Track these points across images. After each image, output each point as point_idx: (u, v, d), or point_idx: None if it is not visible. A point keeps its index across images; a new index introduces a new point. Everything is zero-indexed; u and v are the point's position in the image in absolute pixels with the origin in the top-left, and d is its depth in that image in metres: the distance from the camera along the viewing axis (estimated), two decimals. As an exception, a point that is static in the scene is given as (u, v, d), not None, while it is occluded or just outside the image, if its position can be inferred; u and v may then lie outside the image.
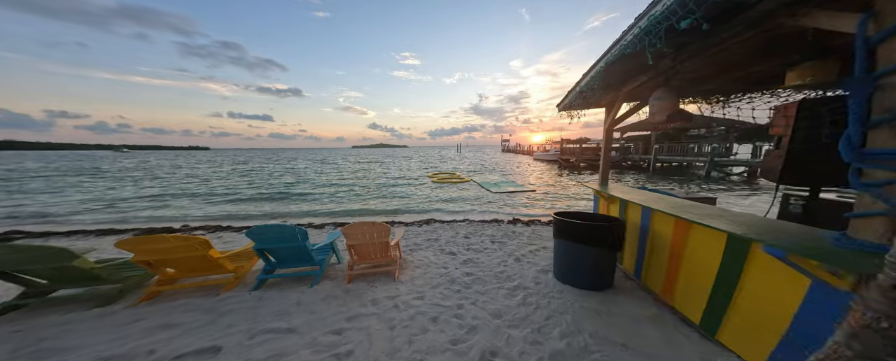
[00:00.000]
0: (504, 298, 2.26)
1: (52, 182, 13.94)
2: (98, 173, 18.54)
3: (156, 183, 13.31)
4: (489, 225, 5.38)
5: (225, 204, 8.88)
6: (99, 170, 20.52)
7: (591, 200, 8.47)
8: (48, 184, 12.89)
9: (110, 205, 8.64)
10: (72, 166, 25.57)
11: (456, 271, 2.77)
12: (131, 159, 43.33)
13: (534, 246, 3.61)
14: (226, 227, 5.45)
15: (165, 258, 2.37)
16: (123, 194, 10.61)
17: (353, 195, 10.38)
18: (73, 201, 9.23)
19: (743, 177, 12.31)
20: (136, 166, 26.03)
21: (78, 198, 9.73)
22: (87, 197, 9.90)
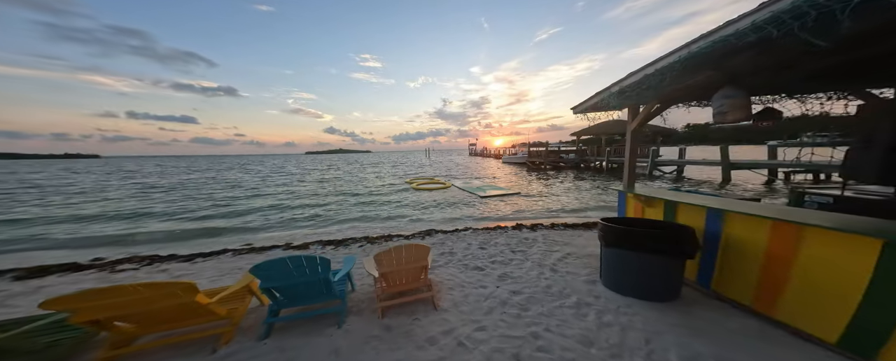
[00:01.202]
0: (575, 318, 2.10)
1: None
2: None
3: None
4: (495, 232, 5.33)
5: (156, 224, 7.08)
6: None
7: (578, 202, 9.09)
8: None
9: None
10: None
11: (499, 290, 2.58)
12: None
13: (556, 252, 3.65)
14: (168, 256, 4.28)
15: (125, 313, 1.72)
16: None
17: (333, 207, 9.33)
18: None
19: (672, 175, 14.92)
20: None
21: None
22: None
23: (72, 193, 13.03)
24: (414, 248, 2.28)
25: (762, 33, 1.45)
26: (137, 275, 3.39)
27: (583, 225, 5.35)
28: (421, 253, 2.32)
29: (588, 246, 3.80)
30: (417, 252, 2.30)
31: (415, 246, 2.27)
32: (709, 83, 2.30)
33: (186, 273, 3.48)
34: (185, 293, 1.76)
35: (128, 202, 10.57)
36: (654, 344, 1.81)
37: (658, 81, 2.23)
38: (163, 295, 1.73)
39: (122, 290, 1.65)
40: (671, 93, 2.62)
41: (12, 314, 2.46)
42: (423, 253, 2.32)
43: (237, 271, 3.65)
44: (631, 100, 2.78)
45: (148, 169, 34.47)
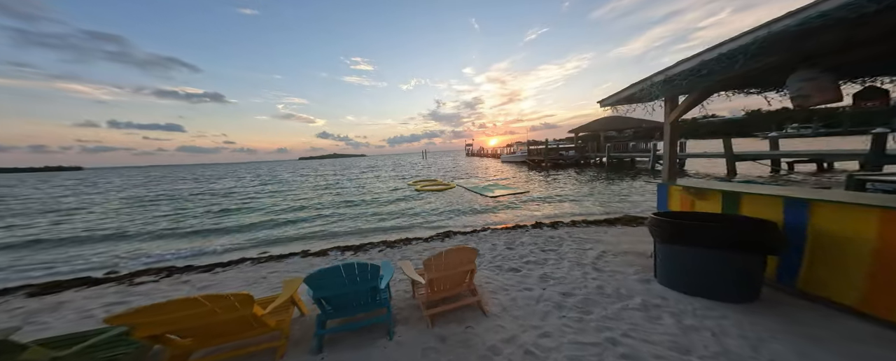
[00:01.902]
0: (648, 322, 1.96)
1: None
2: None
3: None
4: (516, 231, 5.28)
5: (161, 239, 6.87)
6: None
7: (591, 198, 9.07)
8: None
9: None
10: None
11: (548, 292, 2.50)
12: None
13: (590, 249, 3.59)
14: (184, 268, 4.14)
15: (185, 327, 1.65)
16: None
17: (342, 212, 9.19)
18: None
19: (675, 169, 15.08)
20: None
21: None
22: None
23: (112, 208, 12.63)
24: (463, 251, 2.19)
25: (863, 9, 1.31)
26: (160, 287, 3.26)
27: (605, 222, 5.32)
28: (468, 256, 2.24)
29: (621, 243, 3.76)
30: (465, 255, 2.22)
31: (463, 249, 2.19)
32: (780, 65, 2.08)
33: (210, 283, 3.36)
34: (242, 305, 1.68)
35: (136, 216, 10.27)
36: (766, 354, 1.62)
37: (722, 66, 2.02)
38: (224, 307, 1.66)
39: (185, 303, 1.58)
40: (728, 79, 2.42)
41: (43, 331, 2.36)
42: (470, 256, 2.25)
43: (262, 281, 3.54)
44: (679, 88, 2.61)
45: (136, 180, 33.63)
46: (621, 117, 26.31)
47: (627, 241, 3.83)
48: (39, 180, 41.78)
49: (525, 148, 32.93)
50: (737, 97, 2.95)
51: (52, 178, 48.94)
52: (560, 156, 24.89)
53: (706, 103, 2.87)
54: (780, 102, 2.87)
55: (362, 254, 4.73)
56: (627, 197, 8.60)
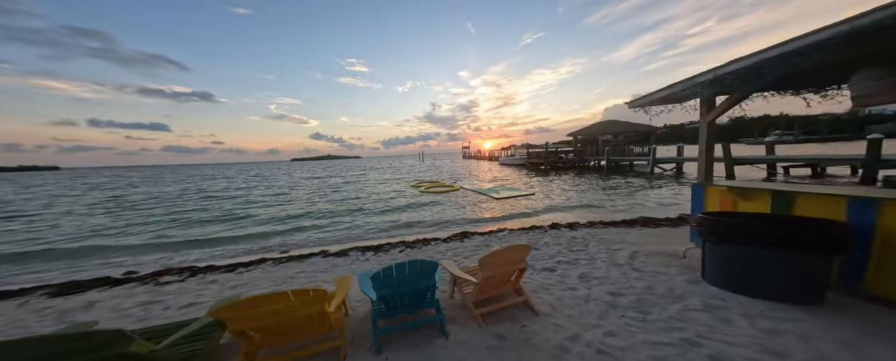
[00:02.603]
0: (720, 323, 1.91)
1: None
2: None
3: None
4: (535, 232, 5.32)
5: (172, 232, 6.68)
6: None
7: (600, 200, 9.16)
8: None
9: None
10: None
11: (595, 291, 2.52)
12: None
13: (619, 250, 3.63)
14: (206, 267, 4.04)
15: (268, 323, 1.65)
16: None
17: (353, 213, 9.10)
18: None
19: (672, 172, 15.42)
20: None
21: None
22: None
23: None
24: (518, 249, 2.20)
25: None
26: (189, 287, 3.17)
27: (623, 223, 5.41)
28: (522, 254, 2.25)
29: (647, 244, 3.82)
30: (520, 252, 2.23)
31: (519, 247, 2.20)
32: (845, 62, 2.00)
33: (239, 283, 3.28)
34: (318, 302, 1.67)
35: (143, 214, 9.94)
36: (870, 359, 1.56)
37: (788, 63, 1.92)
38: (304, 302, 1.65)
39: (277, 297, 1.57)
40: (784, 79, 2.36)
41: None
42: (524, 254, 2.26)
43: (290, 281, 3.48)
44: (728, 87, 2.60)
45: (130, 180, 32.59)
46: (618, 121, 26.83)
47: (653, 242, 3.90)
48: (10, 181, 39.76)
49: (524, 151, 33.17)
50: (773, 98, 3.03)
51: (20, 179, 45.28)
52: (559, 159, 25.20)
53: (745, 103, 2.93)
54: (818, 104, 2.92)
55: (383, 255, 4.70)
56: (637, 200, 8.75)
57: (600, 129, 25.24)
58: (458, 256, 4.19)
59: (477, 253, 4.31)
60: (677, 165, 15.54)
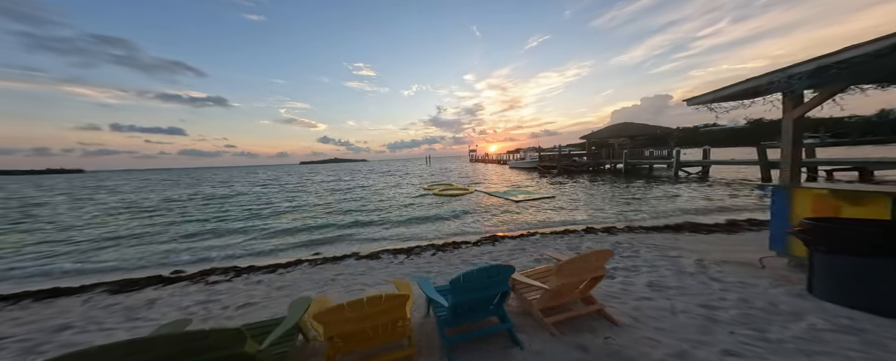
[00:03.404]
0: (870, 347, 1.64)
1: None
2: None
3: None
4: (569, 236, 5.11)
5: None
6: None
7: (628, 205, 8.81)
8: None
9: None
10: None
11: (679, 302, 2.29)
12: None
13: (679, 257, 3.40)
14: (247, 268, 4.03)
15: (358, 328, 1.60)
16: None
17: (374, 216, 9.09)
18: None
19: (698, 176, 14.71)
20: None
21: None
22: None
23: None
24: (599, 255, 2.03)
25: None
26: (237, 286, 3.16)
27: (666, 228, 5.13)
28: (601, 261, 2.08)
29: (710, 251, 3.56)
30: (601, 259, 2.06)
31: (601, 253, 2.03)
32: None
33: (285, 284, 3.25)
34: (401, 307, 1.58)
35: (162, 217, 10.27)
36: None
37: None
38: (390, 308, 1.58)
39: (373, 301, 1.52)
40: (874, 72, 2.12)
41: (147, 326, 2.35)
42: (603, 261, 2.09)
43: (331, 282, 3.42)
44: (833, 78, 2.34)
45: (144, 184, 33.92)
46: (634, 124, 26.08)
47: (714, 250, 3.63)
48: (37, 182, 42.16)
49: (535, 154, 32.59)
50: (874, 92, 2.76)
51: (45, 181, 47.64)
52: (573, 163, 24.61)
53: (839, 98, 2.66)
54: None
55: (415, 258, 4.60)
56: (669, 204, 8.34)
57: (615, 132, 24.60)
58: (496, 261, 4.03)
59: (515, 258, 4.15)
60: (703, 168, 14.86)
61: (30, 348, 2.21)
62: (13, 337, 2.38)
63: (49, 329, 2.48)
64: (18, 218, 10.64)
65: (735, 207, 7.40)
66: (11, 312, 2.90)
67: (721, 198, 8.77)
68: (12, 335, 2.44)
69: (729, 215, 6.33)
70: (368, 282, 3.44)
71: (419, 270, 3.88)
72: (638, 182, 13.84)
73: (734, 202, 8.13)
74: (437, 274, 3.61)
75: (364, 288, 3.26)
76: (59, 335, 2.40)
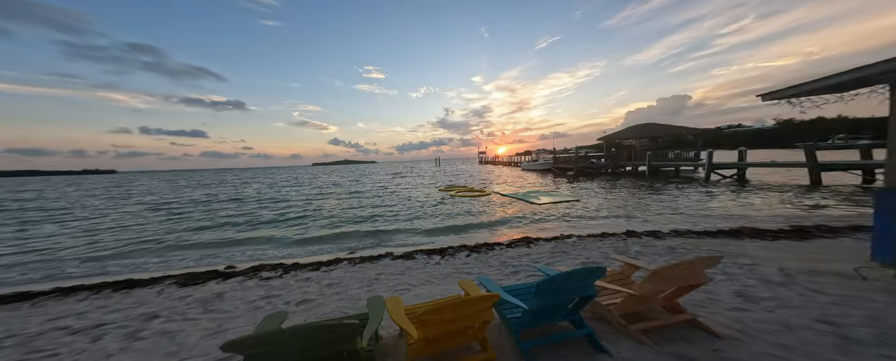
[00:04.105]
0: None
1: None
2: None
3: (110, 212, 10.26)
4: (610, 240, 4.84)
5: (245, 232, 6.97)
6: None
7: (660, 208, 8.36)
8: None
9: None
10: None
11: (787, 315, 2.04)
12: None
13: (753, 264, 3.11)
14: (292, 265, 4.05)
15: (448, 330, 1.55)
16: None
17: (399, 217, 9.07)
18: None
19: (733, 179, 13.76)
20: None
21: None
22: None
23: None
24: (703, 262, 1.83)
25: None
26: (289, 283, 3.19)
27: (720, 233, 4.76)
28: (703, 268, 1.87)
29: (785, 259, 3.23)
30: (702, 266, 1.85)
31: (704, 260, 1.83)
32: None
33: (332, 281, 3.22)
34: (488, 310, 1.48)
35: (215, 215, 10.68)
36: None
37: None
38: (479, 310, 1.52)
39: (472, 303, 1.47)
40: None
41: (230, 319, 2.46)
42: (704, 268, 1.88)
43: (375, 281, 3.36)
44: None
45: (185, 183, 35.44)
46: (658, 124, 24.93)
47: (792, 257, 3.29)
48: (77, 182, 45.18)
49: (549, 155, 31.71)
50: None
51: (84, 181, 51.00)
52: (590, 165, 23.78)
53: None
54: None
55: (450, 258, 4.48)
56: (710, 207, 7.82)
57: (637, 133, 23.63)
58: (536, 263, 3.84)
59: (557, 260, 3.98)
60: (739, 171, 13.92)
61: (130, 333, 2.37)
62: (112, 324, 2.55)
63: (139, 316, 2.65)
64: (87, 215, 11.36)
65: (791, 212, 6.82)
66: (97, 301, 3.09)
67: (770, 203, 8.13)
68: (110, 321, 2.61)
69: (789, 221, 5.83)
70: (412, 282, 3.36)
71: (458, 271, 3.77)
72: (664, 185, 13.14)
73: (786, 206, 7.52)
74: (479, 274, 3.50)
75: (409, 288, 3.18)
76: (150, 323, 2.54)
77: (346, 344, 1.32)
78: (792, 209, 7.18)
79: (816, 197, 8.36)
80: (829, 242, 3.93)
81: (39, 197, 19.54)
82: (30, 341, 2.33)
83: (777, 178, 13.32)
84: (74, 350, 2.16)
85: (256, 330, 1.56)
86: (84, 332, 2.41)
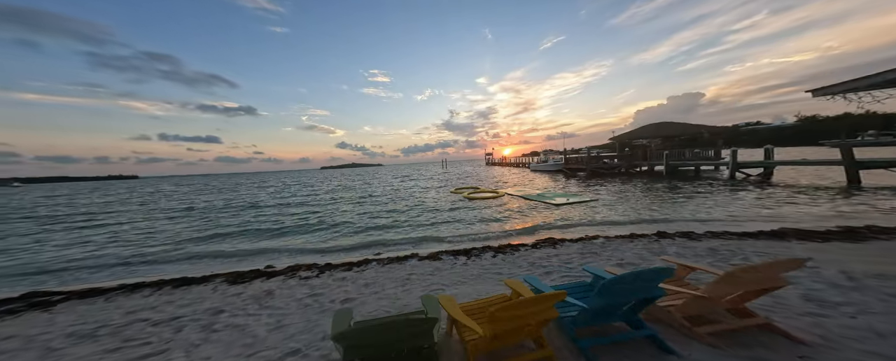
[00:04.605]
0: None
1: None
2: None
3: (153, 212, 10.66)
4: (642, 241, 4.66)
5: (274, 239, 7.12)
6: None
7: (687, 210, 8.06)
8: None
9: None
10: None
11: (873, 322, 1.89)
12: (33, 193, 34.12)
13: (815, 267, 2.90)
14: (325, 265, 4.10)
15: (512, 327, 1.53)
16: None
17: (419, 219, 9.07)
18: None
19: (759, 178, 13.11)
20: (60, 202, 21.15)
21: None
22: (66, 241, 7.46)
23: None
24: (783, 264, 1.72)
25: None
26: (327, 282, 3.26)
27: (761, 234, 4.51)
28: (785, 270, 1.75)
29: (848, 261, 3.03)
30: (782, 269, 1.74)
31: (789, 262, 1.71)
32: None
33: (368, 281, 3.24)
34: (552, 308, 1.44)
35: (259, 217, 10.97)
36: None
37: None
38: (545, 308, 1.49)
39: (539, 300, 1.45)
40: None
41: (286, 315, 2.55)
42: (787, 270, 1.75)
43: (407, 281, 3.35)
44: None
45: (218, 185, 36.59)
46: (674, 123, 24.14)
47: (851, 260, 3.09)
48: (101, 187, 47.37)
49: (558, 156, 31.09)
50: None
51: (110, 187, 51.39)
52: (603, 165, 23.21)
53: None
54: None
55: (477, 259, 4.42)
56: (738, 208, 7.46)
57: (651, 132, 22.96)
58: (565, 265, 3.76)
59: (589, 261, 3.88)
60: (765, 170, 13.28)
61: (205, 326, 2.52)
62: (185, 317, 2.74)
63: (206, 311, 2.79)
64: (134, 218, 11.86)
65: (833, 212, 6.42)
66: (162, 296, 3.27)
67: (807, 202, 7.68)
68: (183, 315, 2.78)
69: (832, 221, 5.49)
70: (444, 282, 3.33)
71: (487, 271, 3.72)
72: (685, 185, 12.65)
73: (827, 206, 7.09)
74: (510, 275, 3.46)
75: (442, 288, 3.15)
76: (218, 317, 2.67)
77: (425, 339, 1.40)
78: (832, 209, 6.77)
79: (863, 197, 7.81)
80: (885, 244, 3.68)
81: (70, 202, 20.59)
82: (120, 331, 2.53)
83: (808, 178, 12.62)
84: (163, 339, 2.34)
85: (334, 326, 1.62)
86: (165, 324, 2.59)
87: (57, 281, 4.64)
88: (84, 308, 3.08)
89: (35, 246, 7.09)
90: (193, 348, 2.15)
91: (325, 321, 2.35)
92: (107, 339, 2.40)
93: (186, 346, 2.18)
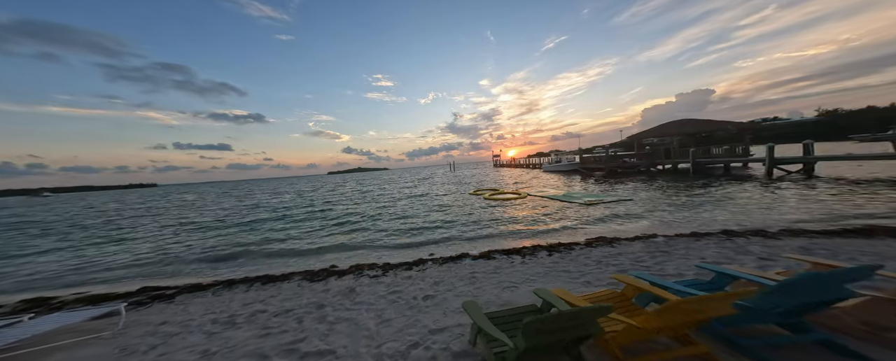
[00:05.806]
0: None
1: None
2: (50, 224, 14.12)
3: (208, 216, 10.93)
4: (707, 240, 4.36)
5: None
6: (41, 221, 14.60)
7: (732, 210, 7.62)
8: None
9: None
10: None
11: None
12: (64, 203, 33.97)
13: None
14: (383, 265, 4.05)
15: (682, 322, 1.45)
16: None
17: (455, 220, 8.94)
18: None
19: (799, 174, 12.38)
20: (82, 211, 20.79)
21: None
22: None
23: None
24: None
25: None
26: (396, 280, 3.22)
27: (846, 232, 4.17)
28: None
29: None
30: None
31: None
32: None
33: (438, 280, 3.24)
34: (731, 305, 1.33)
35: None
36: None
37: None
38: (711, 307, 1.37)
39: (705, 300, 1.35)
40: None
41: (373, 308, 2.64)
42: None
43: (474, 279, 3.31)
44: None
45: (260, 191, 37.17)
46: (696, 120, 23.33)
47: None
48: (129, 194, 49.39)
49: (572, 156, 30.40)
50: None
51: (127, 197, 50.96)
52: (622, 164, 22.54)
53: None
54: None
55: (531, 258, 4.26)
56: (798, 206, 6.98)
57: (673, 129, 22.25)
58: (638, 264, 3.57)
59: (660, 259, 3.67)
60: (805, 166, 12.56)
61: (319, 318, 2.56)
62: (298, 309, 2.78)
63: (309, 305, 2.85)
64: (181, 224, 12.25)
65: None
66: (258, 292, 3.37)
67: (869, 198, 7.11)
68: (292, 308, 2.85)
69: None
70: (513, 280, 3.23)
71: (552, 270, 3.57)
72: (716, 183, 12.04)
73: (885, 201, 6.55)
74: (580, 273, 3.32)
75: (515, 286, 3.04)
76: (323, 311, 2.72)
77: (595, 328, 1.34)
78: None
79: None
80: None
81: (98, 210, 21.44)
82: (252, 319, 2.61)
83: (849, 173, 11.82)
84: (293, 328, 2.40)
85: (474, 316, 1.57)
86: (283, 315, 2.65)
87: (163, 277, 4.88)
88: (200, 300, 3.20)
89: (113, 249, 7.33)
90: (325, 336, 2.22)
91: (421, 316, 2.33)
92: (246, 326, 2.49)
93: (318, 335, 2.26)
